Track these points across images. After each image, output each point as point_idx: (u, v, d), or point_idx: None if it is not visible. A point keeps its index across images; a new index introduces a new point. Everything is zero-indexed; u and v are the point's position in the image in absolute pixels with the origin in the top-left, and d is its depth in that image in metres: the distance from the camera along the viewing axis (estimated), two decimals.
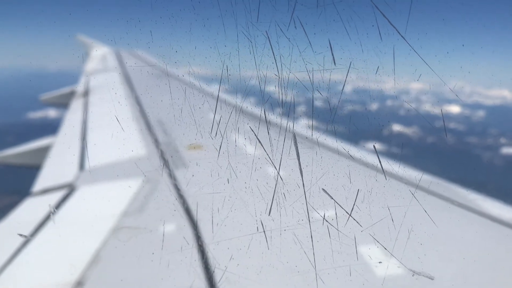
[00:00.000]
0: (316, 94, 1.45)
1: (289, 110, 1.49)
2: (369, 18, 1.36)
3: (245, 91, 1.48)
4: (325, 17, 1.37)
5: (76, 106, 5.69)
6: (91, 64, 8.71)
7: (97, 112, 5.05)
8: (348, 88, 1.46)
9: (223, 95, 1.50)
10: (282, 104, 1.48)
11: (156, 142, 3.47)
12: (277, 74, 1.45)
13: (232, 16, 1.39)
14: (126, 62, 8.37)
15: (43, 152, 3.87)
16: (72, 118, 5.05)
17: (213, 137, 1.55)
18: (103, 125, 4.21)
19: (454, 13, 1.45)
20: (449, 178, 2.36)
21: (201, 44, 1.43)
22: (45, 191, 2.74)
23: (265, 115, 1.50)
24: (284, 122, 1.50)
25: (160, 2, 1.37)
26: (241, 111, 1.51)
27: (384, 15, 1.36)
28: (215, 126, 1.54)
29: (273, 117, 1.50)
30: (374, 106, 1.57)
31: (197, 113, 1.63)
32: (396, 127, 1.65)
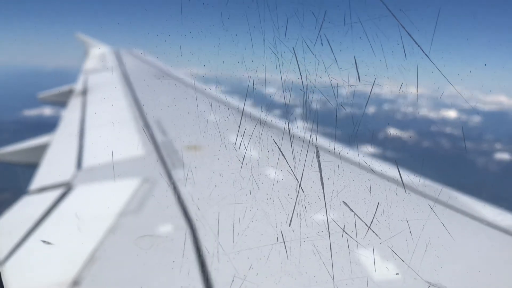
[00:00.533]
0: (340, 109, 1.48)
1: (312, 124, 1.52)
2: (394, 36, 1.39)
3: (270, 105, 1.51)
4: (352, 35, 1.40)
5: (74, 104, 5.66)
6: (90, 63, 8.67)
7: (95, 111, 5.03)
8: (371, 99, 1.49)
9: (248, 108, 1.53)
10: (306, 117, 1.51)
11: (155, 141, 3.47)
12: (302, 89, 1.47)
13: (260, 32, 1.42)
14: (125, 62, 8.35)
15: (41, 150, 3.86)
16: (70, 117, 5.02)
17: (236, 149, 1.57)
18: (101, 124, 4.20)
19: (477, 32, 1.49)
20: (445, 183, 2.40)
21: (228, 59, 1.45)
22: (42, 189, 2.74)
23: (288, 128, 1.53)
24: (307, 135, 1.52)
25: (190, 17, 1.40)
26: (265, 123, 1.54)
27: (409, 34, 1.39)
28: (239, 138, 1.56)
29: (296, 130, 1.53)
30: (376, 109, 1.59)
31: (220, 126, 1.66)
32: (404, 133, 1.68)
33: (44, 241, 1.99)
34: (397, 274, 1.68)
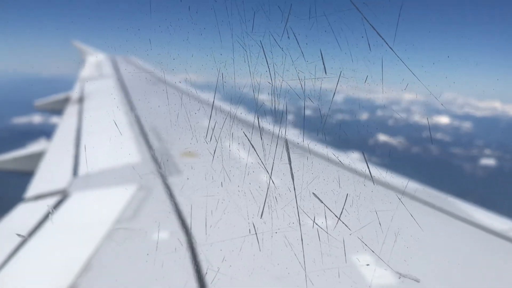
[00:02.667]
0: (308, 102, 1.51)
1: (281, 117, 1.54)
2: (358, 30, 1.42)
3: (239, 98, 1.54)
4: (317, 28, 1.43)
5: (70, 112, 5.69)
6: (86, 70, 8.72)
7: (92, 118, 5.05)
8: (339, 97, 1.52)
9: (218, 102, 1.55)
10: (275, 111, 1.54)
11: (151, 148, 3.49)
12: (270, 82, 1.50)
13: (228, 26, 1.45)
14: (122, 69, 8.40)
15: (37, 157, 3.87)
16: (66, 124, 5.04)
17: (207, 142, 1.60)
18: (97, 132, 4.22)
19: (440, 25, 1.52)
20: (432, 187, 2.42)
21: (198, 52, 1.48)
22: (38, 197, 2.75)
23: (258, 121, 1.55)
24: (276, 128, 1.55)
25: (159, 11, 1.43)
26: (235, 117, 1.56)
27: (373, 27, 1.42)
28: (210, 132, 1.59)
29: (265, 124, 1.55)
30: (363, 116, 1.62)
31: (191, 120, 1.68)
32: (383, 137, 1.71)
33: (18, 235, 2.01)
34: (367, 265, 1.71)
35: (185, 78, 1.53)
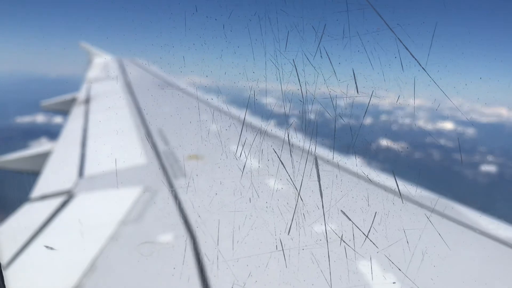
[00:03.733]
0: (339, 120, 1.51)
1: (311, 134, 1.55)
2: (392, 50, 1.43)
3: (270, 115, 1.55)
4: (350, 48, 1.44)
5: (77, 113, 5.69)
6: (93, 72, 8.72)
7: (98, 120, 5.05)
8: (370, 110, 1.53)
9: (248, 118, 1.56)
10: (305, 128, 1.55)
11: (156, 150, 3.49)
12: (301, 100, 1.51)
13: (261, 44, 1.45)
14: (128, 71, 8.39)
15: (43, 158, 3.87)
16: (72, 125, 5.04)
17: (237, 158, 1.60)
18: (103, 133, 4.22)
19: (473, 46, 1.53)
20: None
21: (230, 70, 1.49)
22: (44, 197, 2.75)
23: (288, 138, 1.56)
24: (306, 145, 1.56)
25: (194, 29, 1.44)
26: (265, 133, 1.57)
27: (406, 47, 1.43)
28: (240, 147, 1.60)
29: (295, 140, 1.56)
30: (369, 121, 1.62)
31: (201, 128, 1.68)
32: (399, 145, 1.71)
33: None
34: (394, 283, 1.71)
35: (216, 95, 1.54)
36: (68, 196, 2.70)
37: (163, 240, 2.01)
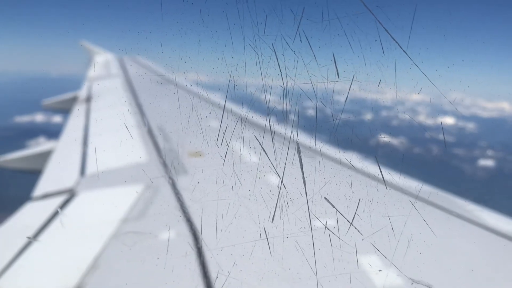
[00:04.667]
0: (319, 105, 1.49)
1: (292, 120, 1.53)
2: (372, 33, 1.41)
3: (250, 101, 1.53)
4: (330, 32, 1.42)
5: (78, 111, 5.71)
6: (94, 70, 8.75)
7: (99, 118, 5.07)
8: (350, 98, 1.51)
9: (229, 105, 1.54)
10: (286, 114, 1.53)
11: (158, 148, 3.49)
12: (282, 85, 1.49)
13: (239, 29, 1.43)
14: (129, 69, 8.42)
15: (45, 156, 3.89)
16: (74, 124, 5.06)
17: (218, 145, 1.59)
18: (104, 131, 4.23)
19: (455, 29, 1.50)
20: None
21: (209, 55, 1.47)
22: (46, 196, 2.76)
23: (269, 124, 1.54)
24: (287, 131, 1.54)
25: (170, 14, 1.42)
26: (246, 120, 1.55)
27: (386, 30, 1.40)
28: (221, 134, 1.58)
29: (277, 127, 1.54)
30: (368, 116, 1.60)
31: (199, 121, 1.67)
32: (390, 138, 1.69)
33: (28, 237, 2.01)
34: (380, 270, 1.69)
35: (195, 80, 1.52)
36: (70, 194, 2.71)
37: (165, 237, 2.00)
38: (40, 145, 4.84)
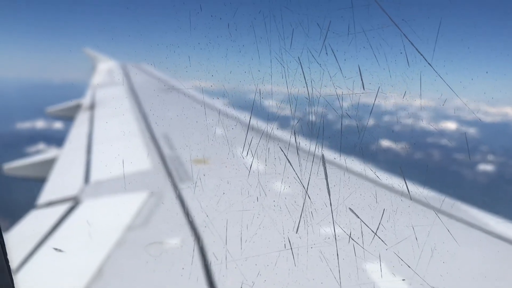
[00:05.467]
0: (346, 117, 1.51)
1: (317, 133, 1.55)
2: (397, 46, 1.43)
3: (276, 114, 1.54)
4: (355, 44, 1.44)
5: (82, 119, 5.71)
6: (98, 77, 8.76)
7: (103, 125, 5.07)
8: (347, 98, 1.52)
9: (254, 119, 1.56)
10: (312, 126, 1.54)
11: (162, 155, 3.49)
12: (308, 98, 1.51)
13: (266, 42, 1.45)
14: (133, 76, 8.42)
15: (49, 164, 3.89)
16: (77, 131, 5.07)
17: (244, 157, 1.60)
18: (108, 139, 4.24)
19: (478, 41, 1.52)
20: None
21: (236, 68, 1.49)
22: (50, 203, 2.76)
23: (295, 136, 1.55)
24: (312, 144, 1.55)
25: (199, 29, 1.44)
26: (271, 132, 1.57)
27: (411, 43, 1.42)
28: (247, 146, 1.59)
29: (302, 140, 1.55)
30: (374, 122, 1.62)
31: (204, 129, 1.68)
32: (400, 145, 1.71)
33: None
34: (403, 280, 1.70)
35: (201, 87, 1.54)
36: (75, 202, 2.71)
37: (170, 244, 2.01)
38: (40, 151, 4.84)
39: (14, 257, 2.00)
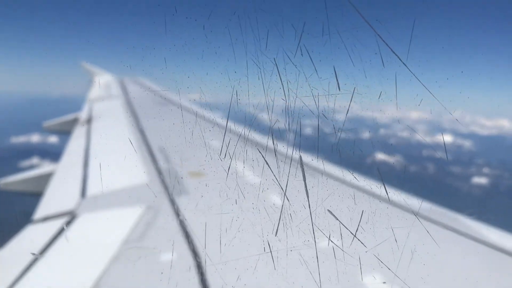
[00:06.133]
0: (322, 119, 1.51)
1: (295, 134, 1.55)
2: (372, 46, 1.43)
3: (253, 116, 1.55)
4: (330, 45, 1.44)
5: (78, 133, 5.72)
6: (95, 91, 8.80)
7: (100, 139, 5.08)
8: (349, 114, 1.52)
9: (231, 121, 1.56)
10: (288, 128, 1.54)
11: (158, 169, 3.49)
12: (284, 99, 1.51)
13: (242, 44, 1.46)
14: (130, 90, 8.46)
15: (45, 179, 3.88)
16: (74, 145, 5.07)
17: (221, 159, 1.60)
18: (105, 153, 4.24)
19: (453, 41, 1.53)
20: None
21: (212, 70, 1.50)
22: (46, 218, 2.75)
23: (272, 138, 1.55)
24: (290, 146, 1.55)
25: (174, 31, 1.45)
26: (248, 134, 1.57)
27: (386, 43, 1.43)
28: (224, 149, 1.59)
29: (279, 142, 1.55)
30: (366, 134, 1.62)
31: (200, 141, 1.68)
32: (384, 156, 1.70)
33: (33, 254, 2.00)
34: (384, 283, 1.69)
35: (196, 98, 1.54)
36: (71, 216, 2.70)
37: (167, 259, 2.00)
38: (34, 165, 4.85)
39: (9, 273, 1.99)
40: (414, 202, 2.03)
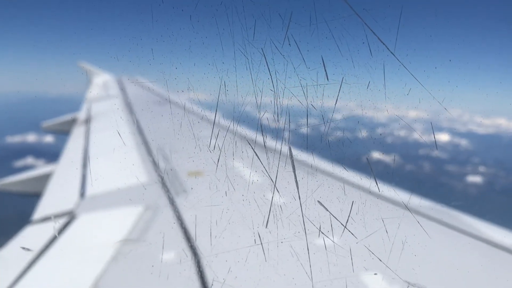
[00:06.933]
0: (310, 108, 1.51)
1: (284, 126, 1.54)
2: (359, 36, 1.43)
3: (241, 107, 1.54)
4: (318, 35, 1.44)
5: (77, 133, 5.72)
6: (93, 91, 8.80)
7: (99, 139, 5.08)
8: (340, 109, 1.52)
9: (220, 113, 1.55)
10: (277, 119, 1.54)
11: (157, 169, 3.49)
12: (272, 89, 1.50)
13: (229, 34, 1.46)
14: (128, 89, 8.46)
15: (44, 179, 3.88)
16: (73, 146, 5.07)
17: (211, 151, 1.60)
18: (104, 153, 4.24)
19: (440, 29, 1.52)
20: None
21: (200, 61, 1.49)
22: (45, 219, 2.75)
23: (261, 130, 1.55)
24: (278, 138, 1.55)
25: (161, 21, 1.44)
26: (237, 126, 1.56)
27: (373, 32, 1.42)
28: (213, 141, 1.59)
29: (268, 134, 1.55)
30: (363, 133, 1.61)
31: (197, 140, 1.68)
32: (380, 155, 1.69)
33: (23, 248, 2.00)
34: (375, 274, 1.68)
35: (193, 99, 1.54)
36: (70, 217, 2.70)
37: (166, 259, 1.99)
38: (29, 165, 4.86)
39: (8, 274, 1.99)
40: (405, 197, 2.03)
